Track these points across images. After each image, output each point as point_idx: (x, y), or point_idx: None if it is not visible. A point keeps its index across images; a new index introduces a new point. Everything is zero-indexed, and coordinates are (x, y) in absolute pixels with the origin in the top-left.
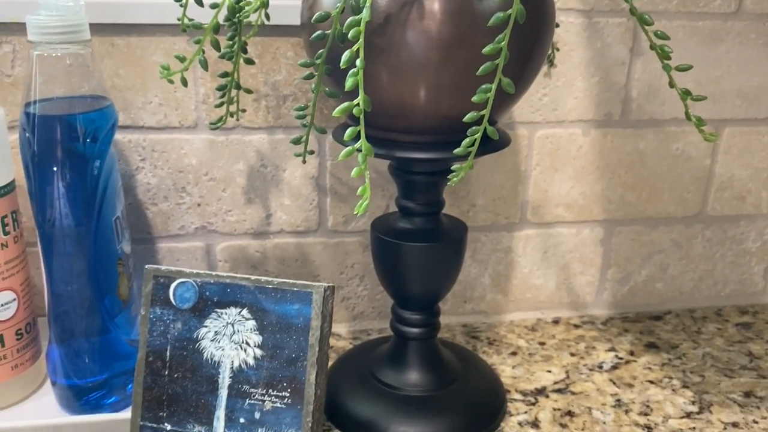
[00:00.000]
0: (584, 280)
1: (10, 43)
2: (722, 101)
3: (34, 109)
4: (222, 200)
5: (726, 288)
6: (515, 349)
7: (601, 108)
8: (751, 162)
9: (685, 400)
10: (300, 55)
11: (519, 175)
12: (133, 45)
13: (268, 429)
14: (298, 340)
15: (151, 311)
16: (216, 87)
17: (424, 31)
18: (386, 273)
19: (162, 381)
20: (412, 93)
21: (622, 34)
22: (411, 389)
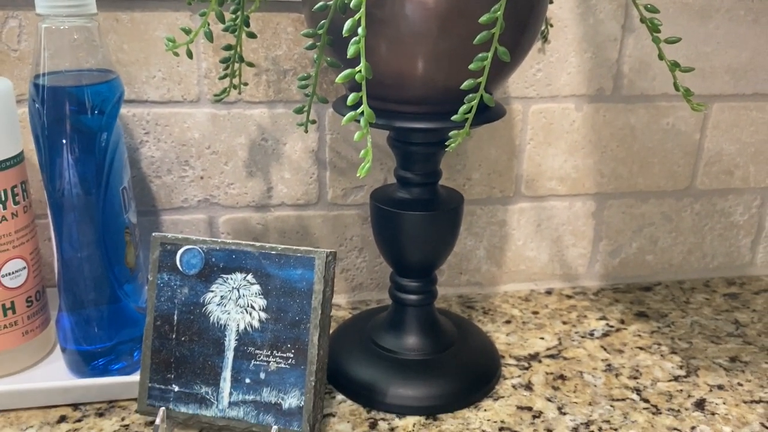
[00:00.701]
0: (576, 252)
1: (16, 17)
2: (711, 77)
3: (43, 81)
4: (224, 173)
5: (714, 260)
6: (509, 318)
7: (594, 83)
8: (739, 137)
9: (673, 365)
10: (300, 30)
11: (513, 150)
12: (136, 20)
13: (273, 389)
14: (302, 304)
15: (159, 277)
16: (220, 59)
17: (421, 3)
18: (385, 242)
19: (170, 344)
20: (410, 63)
21: (615, 11)
22: (409, 353)
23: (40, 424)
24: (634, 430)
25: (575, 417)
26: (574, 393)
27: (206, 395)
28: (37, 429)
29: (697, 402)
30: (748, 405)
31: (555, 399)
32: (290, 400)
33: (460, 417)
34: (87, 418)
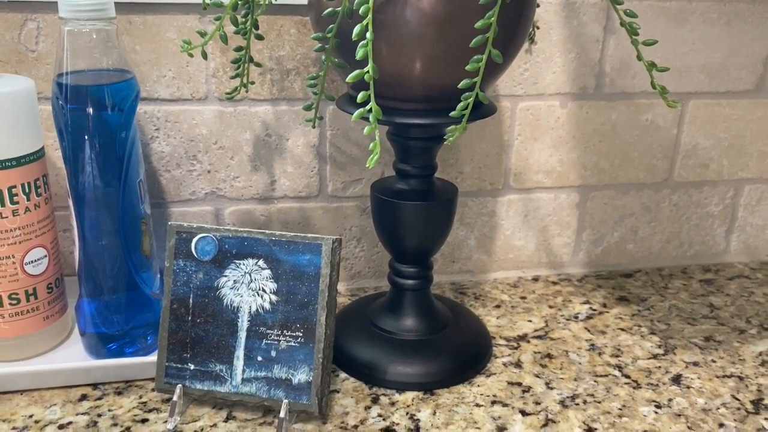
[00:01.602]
0: (561, 241)
1: (34, 20)
2: (687, 76)
3: (66, 80)
4: (230, 167)
5: (691, 248)
6: (499, 303)
7: (577, 82)
8: (714, 132)
9: (652, 344)
10: (302, 32)
11: (502, 144)
12: (148, 22)
13: (284, 365)
14: (310, 287)
15: (175, 263)
16: (231, 60)
17: (420, 9)
18: (384, 230)
19: (186, 326)
20: (409, 64)
21: (597, 14)
22: (407, 334)
23: (62, 402)
24: (616, 402)
25: (561, 391)
26: (560, 370)
27: (220, 372)
28: (60, 407)
29: (674, 377)
30: (720, 379)
31: (543, 375)
32: (299, 376)
33: (455, 392)
34: (106, 396)
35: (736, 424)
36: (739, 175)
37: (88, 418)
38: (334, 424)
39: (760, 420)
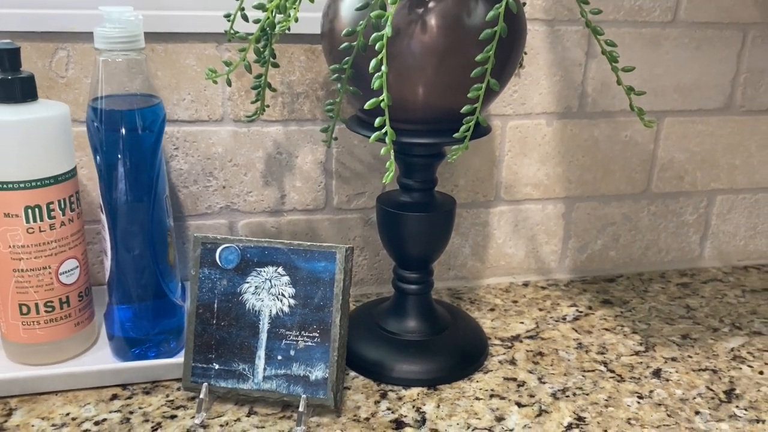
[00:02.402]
0: (549, 249)
1: (65, 49)
2: (662, 95)
3: (101, 105)
4: (243, 183)
5: (668, 254)
6: (493, 306)
7: (562, 102)
8: (688, 146)
9: (634, 342)
10: (311, 59)
11: (494, 160)
12: (169, 50)
13: (302, 363)
14: (325, 291)
15: (200, 272)
16: (251, 87)
17: (424, 42)
18: (389, 239)
19: (211, 329)
20: (413, 91)
21: (579, 40)
22: (410, 335)
23: (95, 401)
24: (602, 394)
25: (553, 385)
26: (551, 366)
27: (243, 371)
28: (94, 405)
29: (655, 371)
30: (696, 373)
31: (535, 371)
32: (316, 373)
33: (456, 387)
34: (135, 396)
35: (711, 411)
36: (711, 186)
37: (120, 415)
38: (347, 417)
39: (732, 408)
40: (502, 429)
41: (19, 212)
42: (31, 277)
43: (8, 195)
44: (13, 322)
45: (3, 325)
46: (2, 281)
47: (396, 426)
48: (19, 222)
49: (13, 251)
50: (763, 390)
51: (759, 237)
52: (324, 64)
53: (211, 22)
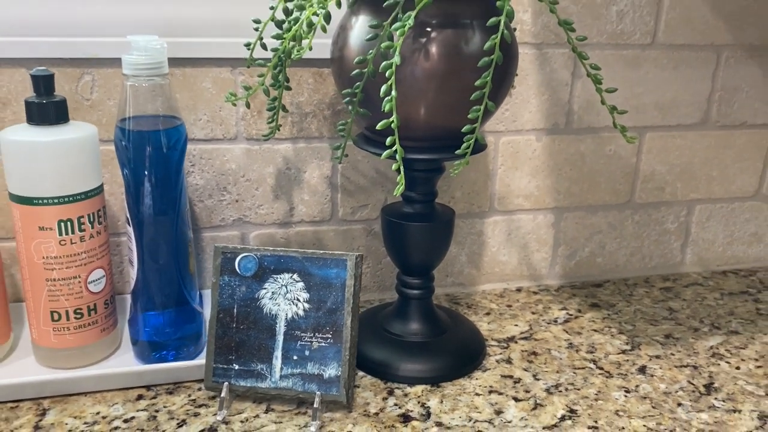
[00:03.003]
0: (540, 256)
1: (90, 74)
2: (643, 112)
3: (128, 126)
4: (255, 197)
5: (651, 261)
6: (489, 311)
7: (550, 119)
8: (667, 159)
9: (621, 342)
10: (318, 81)
11: (488, 173)
12: (187, 74)
13: (316, 363)
14: (337, 296)
15: (221, 279)
16: (267, 108)
17: (425, 68)
18: (393, 247)
19: (231, 332)
20: (416, 111)
21: (566, 62)
22: (413, 337)
23: (123, 401)
24: (592, 389)
25: (547, 381)
26: (544, 364)
27: (261, 371)
28: (121, 405)
29: (640, 368)
30: (678, 369)
31: (530, 369)
32: (330, 371)
33: (457, 384)
34: (159, 396)
35: (692, 403)
36: (690, 196)
37: (147, 413)
38: (358, 412)
39: (711, 399)
40: (501, 421)
41: (52, 225)
42: (63, 286)
43: (43, 210)
44: (44, 329)
45: (35, 332)
46: (35, 290)
47: (403, 420)
48: (53, 234)
49: (46, 262)
50: (739, 383)
51: (736, 243)
52: (330, 86)
53: (225, 49)
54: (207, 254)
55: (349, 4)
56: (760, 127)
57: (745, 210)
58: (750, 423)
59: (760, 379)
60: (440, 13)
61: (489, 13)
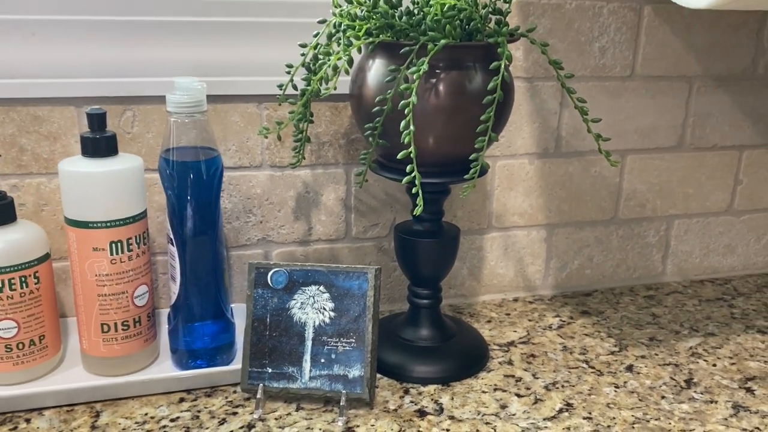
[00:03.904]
0: (534, 269)
1: (131, 110)
2: (625, 137)
3: (173, 156)
4: (277, 218)
5: (635, 272)
6: (489, 319)
7: (541, 144)
8: (647, 179)
9: (610, 344)
10: (334, 114)
11: (486, 194)
12: (218, 109)
13: (341, 365)
14: (359, 304)
15: (255, 291)
16: (294, 139)
17: (434, 103)
18: (405, 261)
19: (264, 339)
20: (425, 141)
21: (554, 93)
22: (423, 342)
23: (167, 404)
24: (586, 386)
25: (545, 380)
26: (542, 365)
27: (292, 373)
28: (166, 407)
29: (628, 367)
30: (661, 367)
31: (530, 369)
32: (354, 372)
33: (465, 384)
34: (199, 398)
35: (674, 396)
36: (669, 212)
37: (190, 414)
38: (379, 409)
39: (691, 392)
40: (506, 414)
41: (105, 246)
42: (112, 301)
43: (96, 232)
44: (95, 339)
45: (85, 342)
46: (88, 305)
47: (420, 415)
48: (105, 255)
49: (98, 279)
50: (715, 378)
51: (712, 255)
52: (344, 118)
53: (252, 87)
54: (234, 271)
55: (368, 51)
56: (730, 149)
57: (719, 224)
58: (725, 412)
59: (734, 375)
60: (447, 57)
61: (489, 56)
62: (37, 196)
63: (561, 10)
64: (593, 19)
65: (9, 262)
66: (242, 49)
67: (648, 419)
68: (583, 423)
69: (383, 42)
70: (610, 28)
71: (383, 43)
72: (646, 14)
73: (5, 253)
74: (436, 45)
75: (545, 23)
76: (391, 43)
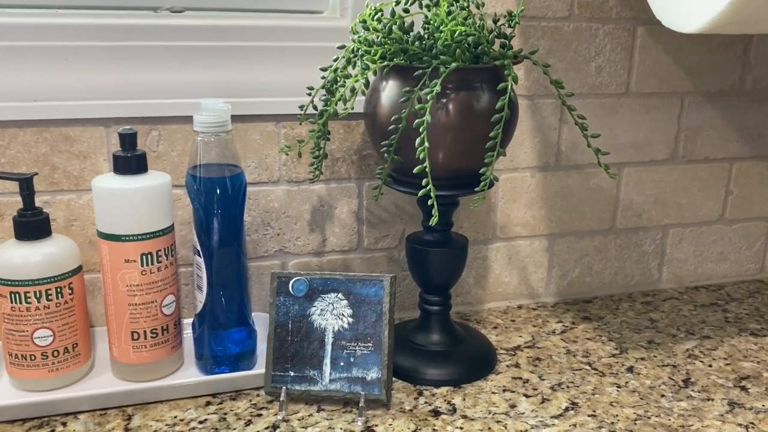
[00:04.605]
0: (537, 277)
1: (157, 129)
2: (621, 151)
3: (199, 173)
4: (294, 230)
5: (633, 279)
6: (496, 325)
7: (542, 158)
8: (643, 190)
9: (611, 347)
10: (347, 131)
11: (490, 205)
12: (239, 128)
13: (360, 368)
14: (376, 310)
15: (277, 299)
16: (312, 156)
17: (444, 122)
18: (416, 269)
19: (286, 344)
20: (436, 156)
21: (554, 110)
22: (435, 347)
23: (194, 407)
24: (589, 386)
25: (551, 381)
26: (547, 367)
27: (314, 376)
28: (194, 409)
29: (628, 368)
30: (660, 368)
31: (536, 371)
32: (372, 374)
33: (476, 385)
34: (224, 402)
35: (672, 394)
36: (664, 221)
37: (217, 416)
38: (395, 409)
39: (689, 391)
40: (516, 413)
41: (136, 258)
42: (142, 310)
43: (128, 245)
44: (125, 347)
45: (115, 350)
46: (119, 314)
47: (434, 414)
48: (135, 266)
49: (129, 289)
50: (711, 378)
51: (705, 262)
52: (357, 136)
53: (270, 107)
54: (253, 281)
55: (383, 73)
56: (720, 161)
57: (711, 233)
58: (721, 408)
59: (729, 374)
60: (457, 78)
61: (495, 77)
62: (68, 211)
63: (559, 32)
64: (590, 40)
65: (45, 274)
66: (261, 71)
67: (649, 416)
68: (588, 420)
69: (397, 65)
70: (606, 49)
71: (396, 66)
72: (639, 35)
73: (42, 266)
74: (448, 68)
75: (545, 44)
76: (404, 67)
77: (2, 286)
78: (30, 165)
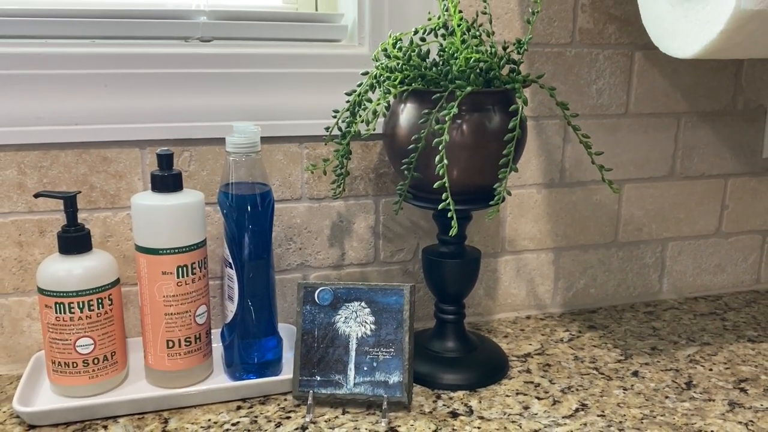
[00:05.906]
0: (544, 288)
1: (188, 150)
2: (622, 168)
3: (231, 190)
4: (314, 245)
5: (635, 290)
6: (506, 334)
7: (547, 175)
8: (643, 205)
9: (616, 354)
10: (365, 151)
11: (499, 220)
12: (264, 149)
13: (382, 372)
14: (397, 318)
15: (304, 308)
16: (335, 173)
17: (460, 141)
18: (432, 280)
19: (313, 350)
20: (452, 173)
21: (558, 130)
22: (450, 353)
23: (226, 411)
24: (597, 389)
25: (561, 385)
26: (557, 372)
27: (339, 380)
28: (226, 413)
29: (634, 372)
30: (663, 372)
31: (546, 376)
32: (393, 378)
33: (490, 389)
34: (254, 406)
35: (676, 396)
36: (663, 235)
37: (248, 419)
38: (416, 411)
39: (691, 393)
40: (529, 414)
41: (172, 270)
42: (177, 319)
43: (165, 258)
44: (160, 355)
45: (151, 358)
46: (155, 323)
47: (452, 416)
48: (172, 278)
49: (166, 300)
50: (712, 381)
51: (704, 274)
52: (374, 155)
53: (294, 129)
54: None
55: (402, 97)
56: (716, 177)
57: (709, 245)
58: (722, 408)
59: (729, 377)
60: (471, 101)
61: (506, 100)
62: (104, 228)
63: (562, 57)
64: (591, 65)
65: (87, 286)
66: (284, 96)
67: (654, 416)
68: (597, 420)
69: (415, 89)
70: (606, 72)
71: (415, 90)
72: (637, 59)
73: (84, 278)
74: (463, 91)
75: (549, 68)
76: (423, 91)
77: (47, 297)
78: (70, 184)
